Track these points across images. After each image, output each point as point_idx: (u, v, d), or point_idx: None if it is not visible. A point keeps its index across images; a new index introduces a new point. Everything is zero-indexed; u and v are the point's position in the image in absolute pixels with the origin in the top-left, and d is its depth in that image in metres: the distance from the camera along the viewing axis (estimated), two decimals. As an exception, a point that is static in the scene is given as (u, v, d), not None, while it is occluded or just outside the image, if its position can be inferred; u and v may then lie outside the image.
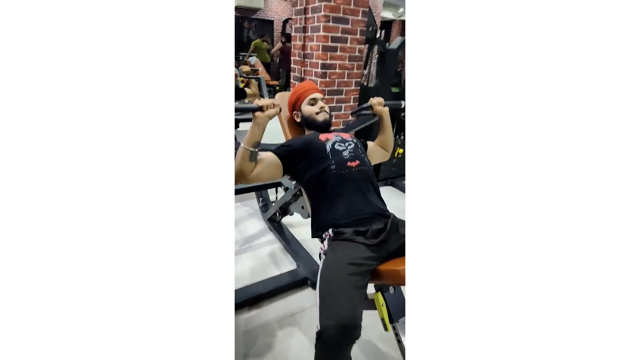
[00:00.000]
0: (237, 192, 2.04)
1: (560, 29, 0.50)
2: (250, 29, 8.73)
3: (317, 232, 1.23)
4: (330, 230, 1.16)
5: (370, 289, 1.08)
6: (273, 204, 2.09)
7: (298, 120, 1.47)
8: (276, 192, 2.40)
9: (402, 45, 2.93)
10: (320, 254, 1.18)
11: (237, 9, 8.38)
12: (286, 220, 2.28)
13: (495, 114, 0.54)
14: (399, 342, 1.10)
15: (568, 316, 0.51)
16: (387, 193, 3.03)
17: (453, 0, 0.56)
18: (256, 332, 1.43)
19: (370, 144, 1.52)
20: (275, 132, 1.51)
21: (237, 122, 2.34)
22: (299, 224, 2.30)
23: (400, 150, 3.19)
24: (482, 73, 0.54)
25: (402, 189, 3.16)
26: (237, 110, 1.12)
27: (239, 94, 3.02)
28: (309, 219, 1.30)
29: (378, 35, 2.99)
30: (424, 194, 0.59)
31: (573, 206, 0.51)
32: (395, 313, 1.09)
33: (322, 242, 1.20)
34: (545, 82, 0.51)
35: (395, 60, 3.00)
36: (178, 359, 0.55)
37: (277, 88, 6.43)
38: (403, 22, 11.82)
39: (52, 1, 0.48)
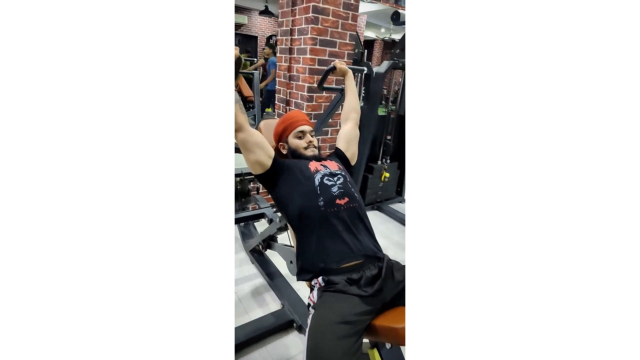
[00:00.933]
0: None
1: (558, 30, 0.51)
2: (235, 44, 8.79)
3: (302, 275, 1.12)
4: (320, 279, 1.05)
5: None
6: (256, 224, 1.95)
7: (284, 152, 1.37)
8: (258, 220, 2.27)
9: (389, 69, 2.90)
10: (308, 304, 1.07)
11: (220, 24, 8.34)
12: (270, 252, 2.14)
13: (494, 119, 0.54)
14: (397, 402, 0.99)
15: (569, 329, 0.51)
16: (373, 217, 2.94)
17: (452, 3, 0.57)
18: None
19: (341, 142, 1.44)
20: None
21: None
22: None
23: (387, 175, 3.12)
24: (480, 77, 0.55)
25: (388, 213, 3.09)
26: None
27: None
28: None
29: (364, 57, 2.96)
30: (423, 198, 0.59)
31: (577, 214, 0.51)
32: (393, 372, 0.99)
33: (311, 290, 1.09)
34: (544, 87, 0.52)
35: (382, 82, 2.96)
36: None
37: (261, 103, 6.34)
38: (384, 42, 12.09)
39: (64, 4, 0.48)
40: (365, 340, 1.01)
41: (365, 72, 1.71)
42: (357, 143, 1.46)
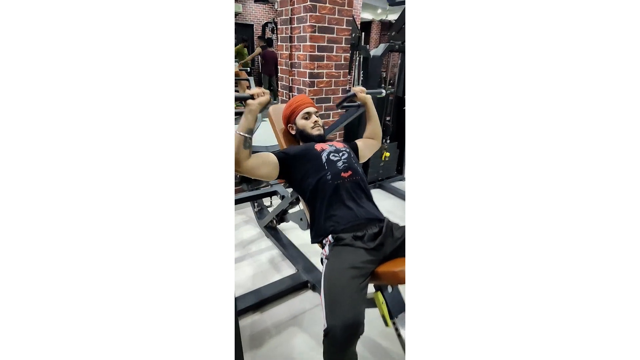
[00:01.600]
0: (235, 202, 2.11)
1: (557, 29, 0.51)
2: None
3: (316, 238, 1.31)
4: (330, 237, 1.24)
5: (370, 288, 1.16)
6: (268, 208, 2.14)
7: (293, 132, 1.54)
8: (270, 200, 2.46)
9: (386, 51, 3.03)
10: (322, 258, 1.26)
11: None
12: (281, 226, 2.34)
13: (493, 114, 0.54)
14: (399, 335, 1.18)
15: (561, 310, 0.52)
16: (375, 195, 3.10)
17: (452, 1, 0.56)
18: (262, 335, 1.50)
19: (359, 142, 1.61)
20: (271, 140, 1.58)
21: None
22: (293, 229, 2.36)
23: (387, 154, 3.29)
24: (481, 73, 0.55)
25: (390, 190, 3.26)
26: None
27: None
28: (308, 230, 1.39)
29: (361, 41, 3.09)
30: (424, 194, 0.60)
31: (570, 205, 0.51)
32: (394, 309, 1.18)
33: (322, 247, 1.28)
34: (544, 81, 0.52)
35: (380, 65, 3.10)
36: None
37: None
38: (382, 23, 11.99)
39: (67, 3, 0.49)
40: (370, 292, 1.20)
41: (382, 94, 1.81)
42: (372, 153, 1.66)
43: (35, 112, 0.48)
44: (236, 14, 9.01)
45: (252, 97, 1.23)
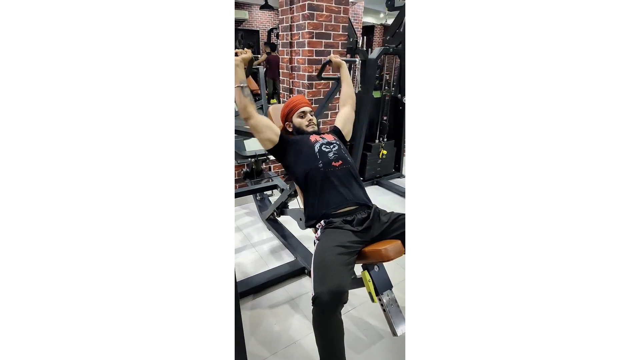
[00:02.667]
0: (236, 195, 2.26)
1: (554, 30, 0.51)
2: (236, 40, 8.95)
3: (309, 221, 1.47)
4: (322, 222, 1.39)
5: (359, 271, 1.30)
6: (270, 198, 2.27)
7: (290, 130, 1.70)
8: (271, 194, 2.61)
9: (381, 54, 3.17)
10: (314, 240, 1.40)
11: (222, 20, 8.50)
12: (282, 218, 2.49)
13: (490, 113, 0.55)
14: (385, 311, 1.30)
15: (559, 310, 0.52)
16: (373, 191, 3.27)
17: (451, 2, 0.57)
18: (261, 316, 1.64)
19: (338, 122, 1.77)
20: None
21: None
22: (293, 222, 2.48)
23: (384, 152, 3.42)
24: (478, 73, 0.55)
25: (387, 187, 3.39)
26: None
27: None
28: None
29: (360, 45, 3.23)
30: (423, 192, 0.60)
31: (566, 202, 0.51)
32: (380, 287, 1.30)
33: (315, 232, 1.42)
34: (541, 81, 0.52)
35: (375, 67, 3.24)
36: (181, 349, 0.58)
37: (267, 95, 6.60)
38: (385, 27, 12.15)
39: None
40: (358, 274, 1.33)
41: (357, 61, 2.02)
42: (352, 123, 1.80)
43: (31, 112, 0.49)
44: (243, 21, 9.17)
45: (235, 54, 1.47)
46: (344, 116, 1.78)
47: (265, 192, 2.67)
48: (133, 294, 0.55)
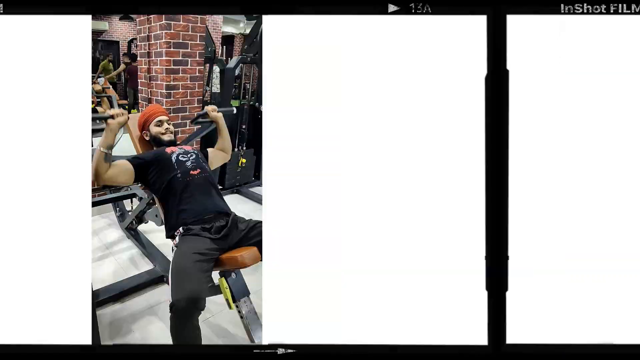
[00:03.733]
0: (95, 204, 2.16)
1: None
2: (96, 50, 8.52)
3: (170, 232, 1.46)
4: (180, 229, 1.39)
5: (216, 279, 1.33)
6: (129, 213, 2.17)
7: (147, 138, 1.66)
8: (131, 202, 2.49)
9: (238, 63, 3.25)
10: (172, 247, 1.39)
11: (83, 31, 7.82)
12: (142, 227, 2.42)
13: (347, 120, 0.61)
14: (242, 317, 1.35)
15: None
16: (233, 200, 3.30)
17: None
18: (120, 323, 1.62)
19: (210, 150, 1.80)
20: (129, 150, 1.67)
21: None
22: (153, 231, 2.45)
23: (244, 160, 3.50)
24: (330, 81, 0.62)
25: (247, 195, 3.47)
26: (92, 119, 1.29)
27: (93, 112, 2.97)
28: (163, 225, 1.51)
29: (219, 54, 3.25)
30: (280, 198, 0.65)
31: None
32: (237, 294, 1.35)
33: (173, 239, 1.41)
34: None
35: (233, 76, 3.30)
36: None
37: (126, 107, 6.19)
38: (244, 36, 12.20)
39: None
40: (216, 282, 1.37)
41: (234, 112, 2.10)
42: (220, 164, 1.89)
43: None
44: (102, 32, 8.87)
45: (112, 117, 1.37)
46: (219, 155, 1.81)
47: (125, 208, 2.59)
48: None
